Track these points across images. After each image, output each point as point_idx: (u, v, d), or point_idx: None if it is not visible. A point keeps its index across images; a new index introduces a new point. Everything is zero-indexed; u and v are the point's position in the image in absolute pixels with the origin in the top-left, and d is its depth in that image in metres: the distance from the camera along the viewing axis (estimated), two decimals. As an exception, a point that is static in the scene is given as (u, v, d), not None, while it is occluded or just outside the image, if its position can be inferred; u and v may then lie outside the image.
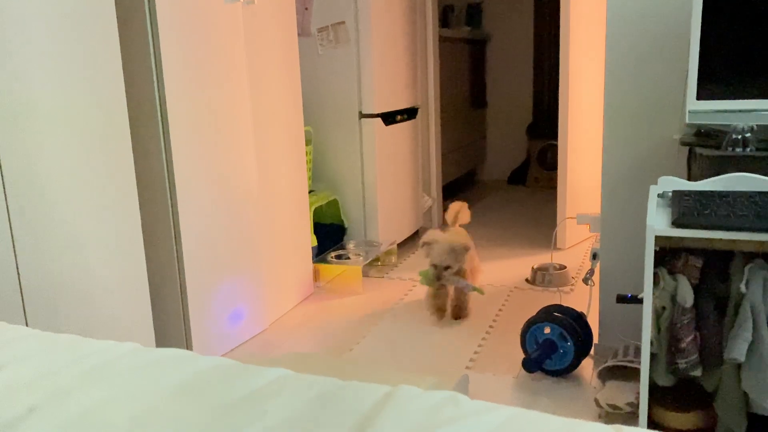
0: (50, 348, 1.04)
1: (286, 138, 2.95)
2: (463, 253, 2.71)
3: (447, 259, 2.68)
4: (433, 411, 0.74)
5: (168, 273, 2.33)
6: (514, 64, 5.65)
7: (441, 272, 2.69)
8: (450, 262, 2.68)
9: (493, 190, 5.50)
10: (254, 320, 2.73)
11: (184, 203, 2.30)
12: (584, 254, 3.64)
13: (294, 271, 3.07)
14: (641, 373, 1.62)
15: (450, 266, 2.68)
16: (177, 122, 2.24)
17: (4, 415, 0.81)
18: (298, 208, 3.09)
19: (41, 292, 1.79)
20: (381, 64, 3.51)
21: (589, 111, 3.74)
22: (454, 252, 2.68)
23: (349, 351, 2.58)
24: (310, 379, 0.86)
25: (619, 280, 2.30)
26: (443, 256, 2.68)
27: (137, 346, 1.01)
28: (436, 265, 2.69)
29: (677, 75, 2.13)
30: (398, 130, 3.78)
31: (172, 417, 0.78)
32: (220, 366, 0.91)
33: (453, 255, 2.68)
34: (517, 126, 5.69)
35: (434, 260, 2.69)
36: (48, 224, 1.80)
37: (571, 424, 0.71)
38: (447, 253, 2.68)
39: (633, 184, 2.24)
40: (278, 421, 0.75)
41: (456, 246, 2.70)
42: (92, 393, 0.84)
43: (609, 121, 2.24)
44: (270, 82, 2.81)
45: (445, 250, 2.68)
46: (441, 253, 2.68)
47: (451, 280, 2.72)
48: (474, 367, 2.40)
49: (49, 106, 1.79)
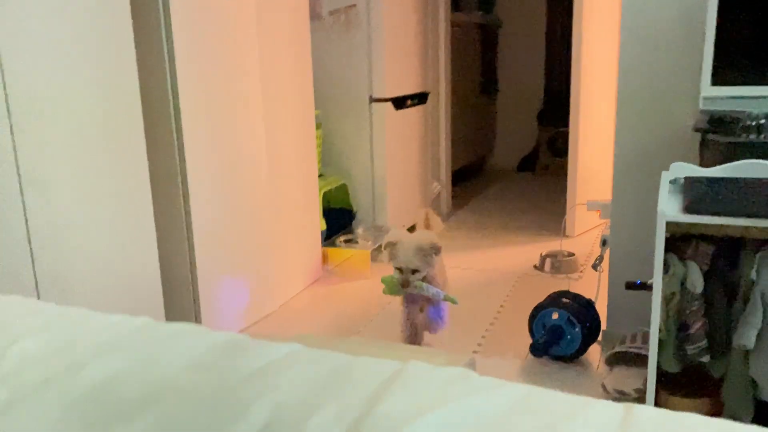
0: (64, 321, 1.05)
1: (297, 122, 2.95)
2: (431, 255, 2.30)
3: (413, 260, 2.27)
4: (444, 386, 0.75)
5: (179, 256, 2.34)
6: (525, 51, 5.61)
7: (407, 277, 2.28)
8: (417, 265, 2.28)
9: (503, 177, 5.49)
10: (263, 302, 2.75)
11: (195, 188, 2.31)
12: (593, 241, 3.63)
13: (303, 254, 3.08)
14: (649, 359, 1.62)
15: (417, 269, 2.28)
16: (189, 108, 2.25)
17: (20, 385, 0.82)
18: (308, 192, 3.09)
19: (54, 273, 1.81)
20: (392, 48, 3.50)
21: (601, 97, 3.71)
22: (421, 252, 2.28)
23: (357, 334, 2.59)
24: (322, 354, 0.87)
25: (629, 266, 2.29)
26: (409, 257, 2.27)
27: (150, 321, 1.02)
28: (401, 268, 2.29)
29: (691, 61, 2.11)
30: (408, 115, 3.77)
31: (185, 389, 0.79)
32: (233, 340, 0.92)
33: (420, 255, 2.28)
34: (527, 113, 5.66)
35: (399, 263, 2.29)
36: (62, 209, 1.82)
37: (582, 402, 0.72)
38: (413, 253, 2.27)
39: (644, 170, 2.23)
40: (290, 394, 0.76)
41: (423, 246, 2.29)
42: (106, 365, 0.86)
43: (621, 108, 2.23)
44: (281, 66, 2.80)
45: (411, 250, 2.28)
46: (406, 254, 2.27)
47: (419, 286, 2.30)
48: (481, 351, 2.41)
49: (65, 96, 1.80)
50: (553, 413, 0.69)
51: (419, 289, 2.31)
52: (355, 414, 0.70)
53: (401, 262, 2.28)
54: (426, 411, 0.69)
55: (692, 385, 1.80)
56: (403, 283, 2.29)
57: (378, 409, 0.70)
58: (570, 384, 2.17)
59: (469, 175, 5.44)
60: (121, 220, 2.02)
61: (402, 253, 2.28)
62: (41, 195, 1.75)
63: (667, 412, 0.71)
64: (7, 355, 0.90)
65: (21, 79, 1.67)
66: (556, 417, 0.68)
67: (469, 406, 0.70)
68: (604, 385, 2.07)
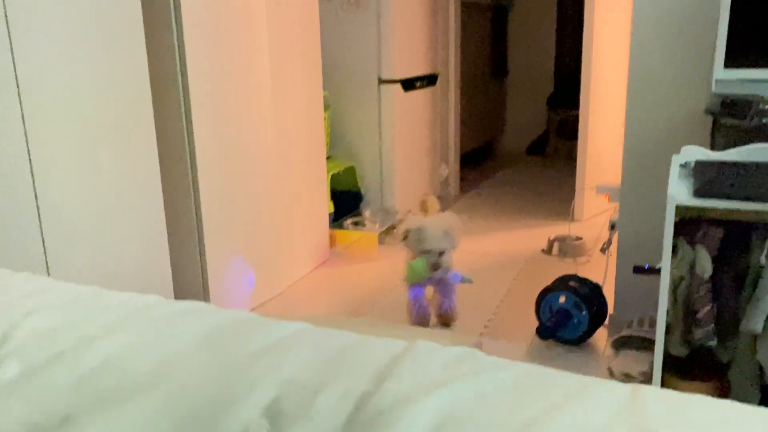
0: (74, 298, 1.06)
1: (305, 104, 2.94)
2: (456, 236, 2.36)
3: (443, 242, 2.30)
4: (451, 365, 0.75)
5: (187, 237, 2.36)
6: (536, 33, 5.56)
7: (437, 259, 2.31)
8: (446, 247, 2.31)
9: (512, 161, 5.47)
10: (270, 284, 2.77)
11: (204, 169, 2.31)
12: (602, 226, 3.62)
13: (310, 236, 3.08)
14: (656, 342, 1.62)
15: (445, 251, 2.32)
16: (197, 90, 2.24)
17: (33, 358, 0.83)
18: (316, 174, 3.09)
19: (65, 256, 1.82)
20: (401, 29, 3.47)
21: (612, 80, 3.68)
22: (448, 235, 2.33)
23: (364, 316, 2.60)
24: (330, 332, 0.87)
25: (637, 251, 2.29)
26: (438, 239, 2.30)
27: (160, 298, 1.03)
28: (429, 251, 2.30)
29: (704, 43, 2.08)
30: (417, 97, 3.75)
31: (195, 364, 0.79)
32: (241, 318, 0.93)
33: (448, 238, 2.33)
34: (537, 96, 5.62)
35: (427, 246, 2.31)
36: (72, 193, 1.83)
37: (590, 382, 0.72)
38: (442, 235, 2.31)
39: (655, 154, 2.21)
40: (298, 371, 0.76)
41: (449, 228, 2.34)
42: (117, 340, 0.86)
43: (633, 91, 2.21)
44: (289, 47, 2.79)
45: (440, 232, 2.31)
46: (435, 237, 2.30)
47: (446, 268, 2.34)
48: (487, 334, 2.42)
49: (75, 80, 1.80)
50: (560, 393, 0.69)
51: (445, 270, 2.34)
52: (363, 391, 0.71)
53: (430, 245, 2.30)
54: (434, 389, 0.70)
55: (698, 369, 1.80)
56: (434, 266, 2.31)
57: (386, 387, 0.71)
58: (576, 367, 2.17)
59: (478, 158, 5.42)
60: (130, 202, 2.03)
61: (430, 236, 2.30)
62: (51, 179, 1.76)
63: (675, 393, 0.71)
64: (19, 329, 0.91)
65: (32, 66, 1.67)
66: (564, 396, 0.68)
67: (477, 384, 0.71)
68: (610, 368, 2.07)
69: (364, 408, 0.68)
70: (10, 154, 1.65)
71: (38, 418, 0.71)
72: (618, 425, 0.63)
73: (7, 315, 0.96)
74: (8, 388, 0.77)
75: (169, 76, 2.20)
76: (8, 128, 1.64)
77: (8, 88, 1.63)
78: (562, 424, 0.63)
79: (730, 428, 0.64)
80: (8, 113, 1.64)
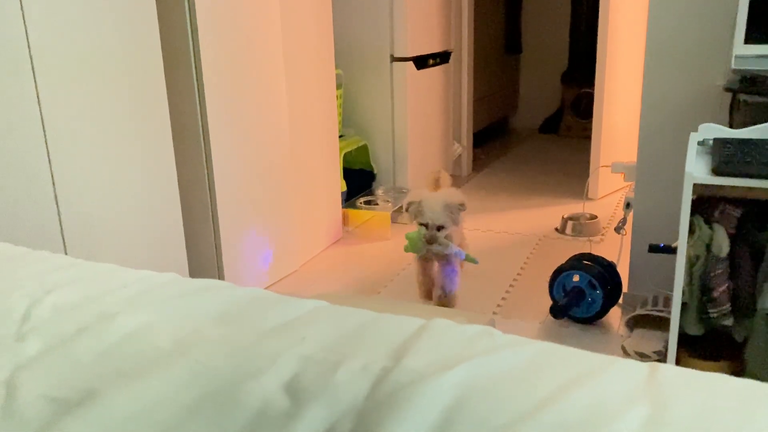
0: (93, 276, 1.07)
1: (318, 82, 2.93)
2: (458, 212, 2.30)
3: (440, 216, 2.25)
4: (468, 342, 0.76)
5: (201, 216, 2.37)
6: (551, 8, 5.47)
7: (434, 233, 2.26)
8: (444, 221, 2.26)
9: (525, 139, 5.43)
10: (284, 262, 2.78)
11: (217, 148, 2.31)
12: (616, 205, 3.60)
13: (323, 215, 3.09)
14: (671, 321, 1.62)
15: (443, 226, 2.27)
16: (211, 67, 2.24)
17: (54, 333, 0.84)
18: (329, 153, 3.09)
19: (80, 231, 1.84)
20: (414, 6, 3.43)
21: (628, 57, 3.62)
22: (448, 208, 2.27)
23: (377, 294, 2.61)
24: (347, 310, 0.88)
25: (652, 229, 2.27)
26: (436, 213, 2.25)
27: (177, 276, 1.04)
28: (427, 224, 2.26)
29: (724, 19, 2.04)
30: (430, 75, 3.72)
31: (214, 340, 0.80)
32: (259, 296, 0.94)
33: (447, 212, 2.27)
34: (551, 73, 5.55)
35: (425, 218, 2.26)
36: (87, 167, 1.84)
37: (608, 360, 0.72)
38: (441, 209, 2.25)
39: (671, 131, 2.18)
40: (316, 347, 0.77)
41: (451, 202, 2.28)
42: (137, 316, 0.88)
43: (649, 66, 2.17)
44: (302, 25, 2.77)
45: (439, 206, 2.26)
46: (433, 210, 2.26)
47: (443, 244, 2.30)
48: (501, 312, 2.42)
49: (88, 53, 1.80)
50: (578, 370, 0.69)
51: (443, 246, 2.30)
52: (381, 367, 0.71)
53: (428, 218, 2.26)
54: (451, 365, 0.70)
55: (713, 347, 1.80)
56: (429, 239, 2.27)
57: (404, 363, 0.71)
58: (590, 346, 2.17)
59: (491, 136, 5.38)
60: (144, 179, 2.04)
61: (428, 209, 2.26)
62: (66, 153, 1.77)
63: (692, 371, 0.71)
64: (40, 306, 0.92)
65: (45, 36, 1.67)
66: (582, 373, 0.68)
67: (494, 361, 0.71)
68: (624, 347, 2.07)
69: (382, 384, 0.69)
70: (26, 134, 1.66)
71: (62, 393, 0.72)
72: (637, 402, 0.63)
73: (29, 292, 0.97)
74: (32, 363, 0.79)
75: (182, 53, 2.20)
76: (24, 109, 1.65)
77: (23, 67, 1.63)
78: (581, 401, 0.63)
79: (748, 406, 0.64)
80: (24, 93, 1.64)
